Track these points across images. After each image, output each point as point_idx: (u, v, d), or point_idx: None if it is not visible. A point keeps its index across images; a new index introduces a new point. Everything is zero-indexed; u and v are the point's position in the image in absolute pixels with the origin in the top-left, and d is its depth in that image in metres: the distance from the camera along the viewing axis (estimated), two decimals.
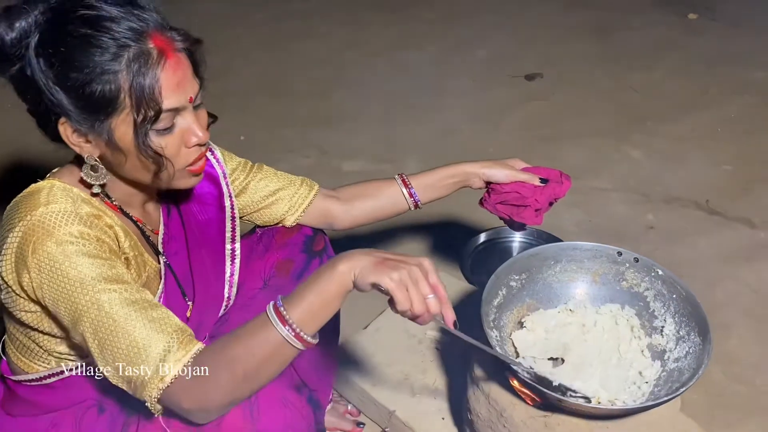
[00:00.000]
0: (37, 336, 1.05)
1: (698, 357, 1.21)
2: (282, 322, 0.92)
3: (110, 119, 0.94)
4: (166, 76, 0.94)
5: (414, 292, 0.92)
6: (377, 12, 3.86)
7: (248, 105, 2.99)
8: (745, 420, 1.61)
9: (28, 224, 0.94)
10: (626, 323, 1.35)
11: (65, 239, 0.93)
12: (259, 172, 1.33)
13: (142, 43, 0.93)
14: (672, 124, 2.81)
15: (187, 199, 1.22)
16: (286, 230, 1.36)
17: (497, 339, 1.27)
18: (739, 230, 2.22)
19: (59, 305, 0.94)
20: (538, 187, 1.36)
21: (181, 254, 1.20)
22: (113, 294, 0.93)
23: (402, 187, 1.39)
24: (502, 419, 1.24)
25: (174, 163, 1.01)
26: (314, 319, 0.94)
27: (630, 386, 1.25)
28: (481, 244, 2.11)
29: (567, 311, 1.37)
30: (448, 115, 2.93)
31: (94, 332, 0.93)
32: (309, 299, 0.94)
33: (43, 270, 0.93)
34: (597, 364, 1.28)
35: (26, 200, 0.98)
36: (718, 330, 1.83)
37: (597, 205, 2.36)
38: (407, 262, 0.94)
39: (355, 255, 0.95)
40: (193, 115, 1.00)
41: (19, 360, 1.10)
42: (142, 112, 0.93)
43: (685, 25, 3.65)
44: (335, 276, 0.94)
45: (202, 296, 1.23)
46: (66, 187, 1.01)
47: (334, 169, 2.57)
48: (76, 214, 0.96)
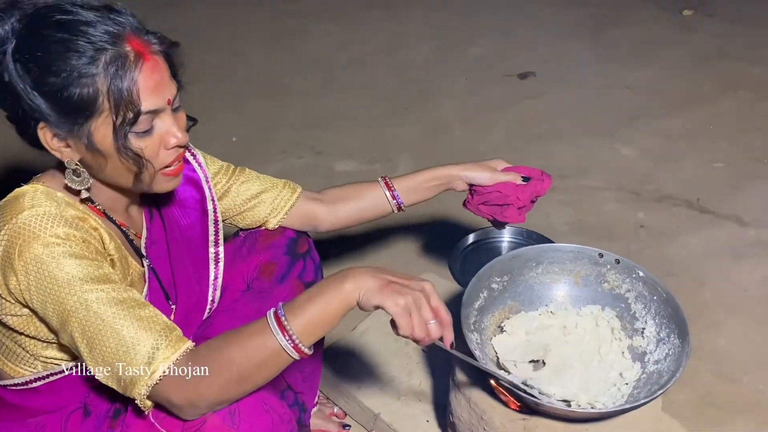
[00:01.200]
0: (24, 340, 1.06)
1: (677, 359, 1.21)
2: (282, 330, 0.93)
3: (89, 122, 0.95)
4: (143, 78, 0.95)
5: (417, 318, 0.95)
6: (371, 11, 3.86)
7: (241, 105, 3.00)
8: (732, 418, 1.61)
9: (13, 227, 0.95)
10: (607, 324, 1.36)
11: (51, 241, 0.94)
12: (241, 175, 1.34)
13: (118, 46, 0.94)
14: (664, 122, 2.80)
15: (168, 203, 1.23)
16: (269, 233, 1.37)
17: (477, 342, 1.27)
18: (729, 228, 2.22)
19: (47, 307, 0.95)
20: (520, 186, 1.37)
21: (163, 258, 1.21)
22: (101, 293, 0.94)
23: (385, 190, 1.40)
24: (482, 422, 1.25)
25: (153, 165, 1.01)
26: (314, 331, 0.95)
27: (610, 388, 1.25)
28: (471, 244, 2.10)
29: (548, 313, 1.37)
30: (441, 114, 2.93)
31: (83, 332, 0.94)
32: (311, 312, 0.95)
33: (30, 272, 0.94)
34: (577, 365, 1.29)
35: (10, 205, 0.99)
36: (707, 329, 1.84)
37: (588, 203, 2.35)
38: (411, 286, 0.96)
39: (362, 275, 0.96)
40: (171, 117, 1.01)
41: (5, 365, 1.11)
42: (121, 114, 0.94)
43: (679, 22, 3.63)
44: (341, 293, 0.95)
45: (185, 299, 1.24)
46: (49, 191, 1.01)
47: (327, 170, 2.58)
48: (61, 217, 0.97)
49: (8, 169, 2.48)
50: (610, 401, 1.22)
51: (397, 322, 0.94)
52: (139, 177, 1.01)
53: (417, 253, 2.14)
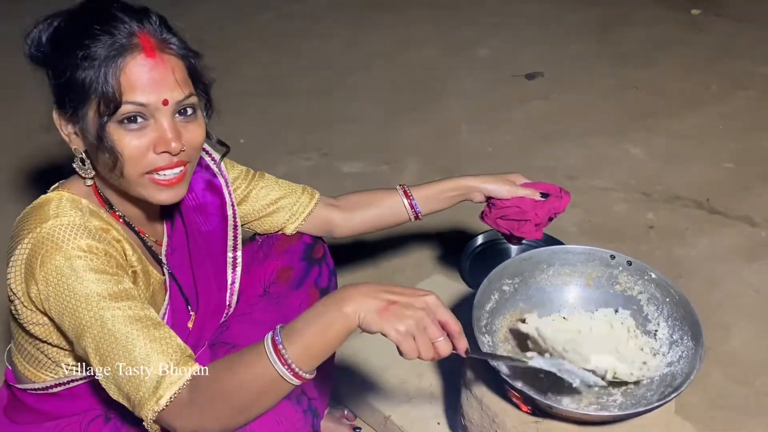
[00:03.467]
0: (46, 348, 1.06)
1: (691, 361, 1.20)
2: (279, 358, 0.88)
3: (85, 107, 0.96)
4: (138, 70, 0.95)
5: (422, 340, 0.89)
6: (378, 12, 3.86)
7: (249, 106, 3.00)
8: (745, 422, 1.60)
9: (38, 237, 0.95)
10: (621, 326, 1.34)
11: (73, 254, 0.94)
12: (261, 180, 1.34)
13: (131, 38, 0.95)
14: (673, 122, 2.79)
15: (191, 211, 1.23)
16: (286, 238, 1.37)
17: (489, 345, 1.27)
18: (740, 229, 2.21)
19: (64, 318, 0.95)
20: (539, 202, 1.37)
21: (184, 265, 1.21)
22: (117, 311, 0.93)
23: (403, 198, 1.40)
24: (494, 425, 1.24)
25: (134, 164, 0.98)
26: (313, 357, 0.90)
27: (635, 371, 1.23)
28: (479, 246, 2.10)
29: (561, 319, 1.36)
30: (449, 116, 2.93)
31: (96, 348, 0.93)
32: (309, 337, 0.89)
33: (50, 283, 0.94)
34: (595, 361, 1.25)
35: (35, 212, 0.99)
36: (719, 330, 1.83)
37: (597, 204, 2.35)
38: (413, 305, 0.89)
39: (361, 297, 0.89)
40: (170, 120, 0.99)
41: (27, 370, 1.11)
42: (103, 100, 0.94)
43: (687, 21, 3.62)
44: (340, 318, 0.89)
45: (205, 306, 1.24)
46: (75, 199, 1.02)
47: (334, 171, 2.57)
48: (85, 228, 0.97)
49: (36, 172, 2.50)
50: (642, 375, 1.22)
51: (401, 348, 0.89)
52: (122, 175, 0.99)
53: (426, 255, 2.14)
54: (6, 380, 1.17)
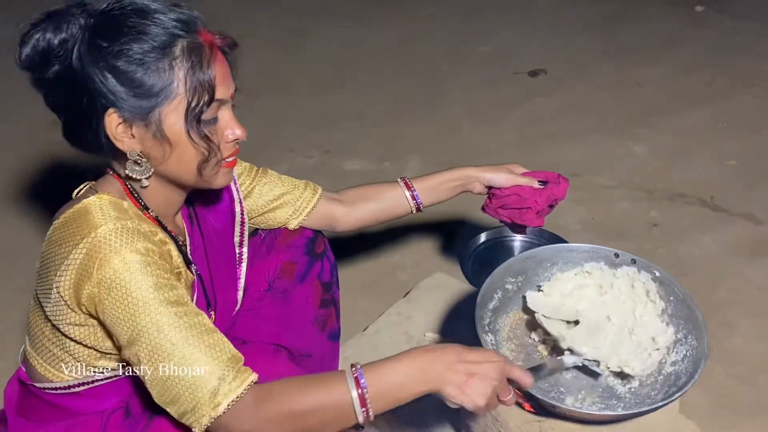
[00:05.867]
0: (77, 349, 1.06)
1: (695, 360, 1.20)
2: (357, 387, 0.96)
3: (161, 107, 0.97)
4: (217, 68, 1.00)
5: (492, 402, 0.99)
6: (381, 9, 3.85)
7: (251, 104, 2.99)
8: (747, 421, 1.59)
9: (93, 241, 0.95)
10: (642, 286, 1.33)
11: (132, 258, 0.95)
12: (264, 176, 1.35)
13: (192, 36, 0.98)
14: (676, 119, 2.78)
15: (205, 209, 1.24)
16: (288, 232, 1.38)
17: (492, 343, 1.26)
18: (743, 227, 2.20)
19: (118, 323, 0.95)
20: (538, 189, 1.38)
21: (203, 264, 1.22)
22: (173, 317, 0.95)
23: (405, 190, 1.42)
24: (497, 424, 1.24)
25: (220, 155, 1.04)
26: (382, 403, 0.98)
27: (642, 353, 1.25)
28: (482, 244, 2.10)
29: (584, 273, 1.36)
30: (451, 113, 2.92)
31: (150, 353, 0.95)
32: (386, 385, 0.97)
33: (107, 287, 0.94)
34: (611, 326, 1.29)
35: (81, 218, 0.99)
36: (722, 329, 1.83)
37: (600, 202, 2.34)
38: (489, 376, 0.98)
39: (443, 370, 0.97)
40: (231, 111, 1.06)
41: (47, 371, 1.10)
42: (196, 98, 0.97)
43: (691, 18, 3.60)
44: (421, 385, 0.97)
45: (222, 303, 1.25)
46: (116, 202, 1.02)
47: (336, 169, 2.57)
48: (139, 231, 0.98)
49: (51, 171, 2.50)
50: (639, 366, 1.22)
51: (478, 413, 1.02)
52: (203, 167, 1.03)
53: (429, 252, 2.14)
54: (20, 379, 1.16)
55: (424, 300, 1.79)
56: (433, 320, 1.73)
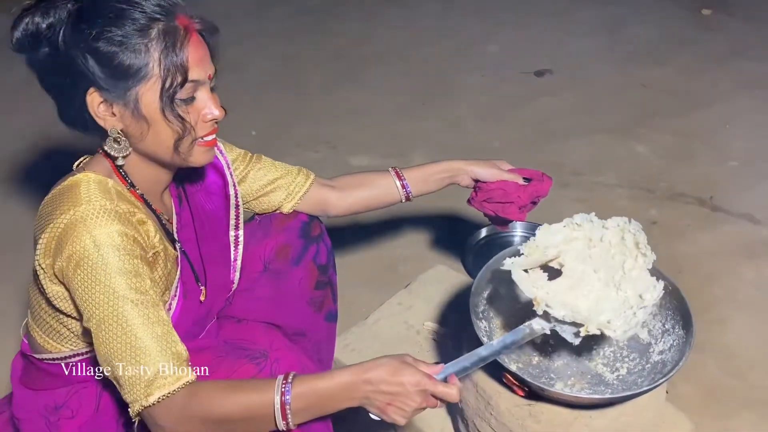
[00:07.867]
0: (70, 322, 1.12)
1: (681, 350, 1.24)
2: (281, 397, 1.01)
3: (138, 87, 1.02)
4: (191, 50, 1.03)
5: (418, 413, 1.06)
6: (389, 8, 3.89)
7: (261, 99, 3.05)
8: (736, 413, 1.64)
9: (72, 218, 1.01)
10: (633, 238, 1.26)
11: (103, 240, 1.00)
12: (258, 162, 1.40)
13: (169, 19, 1.02)
14: (680, 120, 2.81)
15: (195, 189, 1.29)
16: (283, 216, 1.43)
17: (485, 330, 1.31)
18: (741, 226, 2.23)
19: (79, 298, 1.02)
20: (522, 186, 1.45)
21: (191, 241, 1.27)
22: (129, 304, 1.00)
23: (395, 179, 1.47)
24: (489, 407, 1.29)
25: (194, 134, 1.08)
26: (307, 414, 1.04)
27: (626, 311, 1.17)
28: (483, 238, 2.14)
29: (573, 225, 1.32)
30: (457, 111, 2.96)
31: (103, 332, 1.00)
32: (318, 410, 1.04)
33: (75, 262, 1.00)
34: (596, 282, 1.24)
35: (67, 193, 1.05)
36: (716, 325, 1.86)
37: (600, 200, 2.38)
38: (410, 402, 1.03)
39: (370, 393, 1.03)
40: (209, 92, 1.09)
41: (46, 342, 1.17)
42: (170, 79, 1.02)
43: (698, 21, 3.62)
44: (347, 400, 1.04)
45: (213, 281, 1.30)
46: (101, 180, 1.07)
47: (342, 164, 2.62)
48: (116, 213, 1.03)
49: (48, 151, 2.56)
50: (622, 327, 1.14)
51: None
52: (178, 145, 1.07)
53: (429, 247, 2.19)
54: (22, 351, 1.23)
55: (425, 291, 1.83)
56: (432, 310, 1.78)
